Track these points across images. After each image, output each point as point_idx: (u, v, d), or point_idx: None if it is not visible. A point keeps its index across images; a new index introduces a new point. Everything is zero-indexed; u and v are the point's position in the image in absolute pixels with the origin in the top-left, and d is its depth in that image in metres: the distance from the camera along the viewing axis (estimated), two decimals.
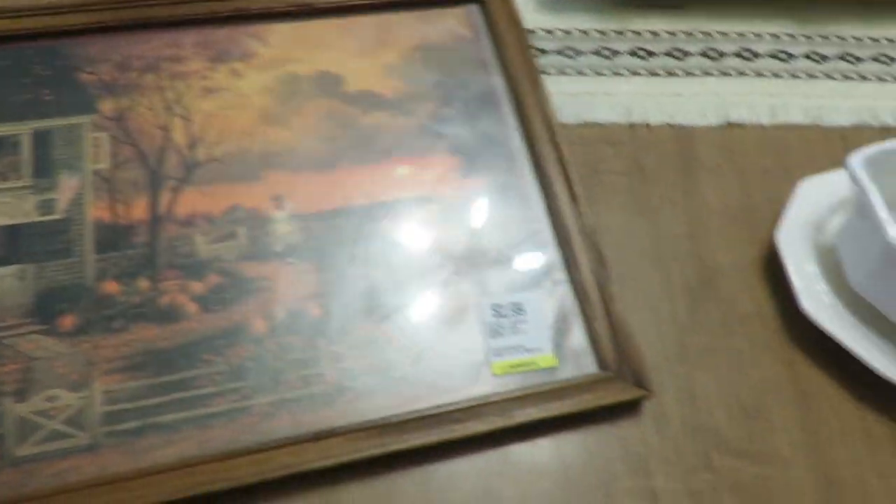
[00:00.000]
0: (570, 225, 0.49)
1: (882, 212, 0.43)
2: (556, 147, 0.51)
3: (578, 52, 0.59)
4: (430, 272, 0.47)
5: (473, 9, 0.58)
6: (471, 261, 0.48)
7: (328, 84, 0.53)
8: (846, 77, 0.60)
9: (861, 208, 0.45)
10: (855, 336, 0.46)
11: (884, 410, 0.46)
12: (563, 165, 0.51)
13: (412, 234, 0.49)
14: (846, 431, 0.45)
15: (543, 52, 0.59)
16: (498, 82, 0.55)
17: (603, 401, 0.44)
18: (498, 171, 0.52)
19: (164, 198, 0.48)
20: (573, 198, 0.50)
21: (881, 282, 0.45)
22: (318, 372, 0.44)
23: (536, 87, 0.54)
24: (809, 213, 0.50)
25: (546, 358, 0.46)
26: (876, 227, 0.43)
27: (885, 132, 0.58)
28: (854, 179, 0.45)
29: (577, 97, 0.57)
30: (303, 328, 0.45)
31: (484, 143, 0.52)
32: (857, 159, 0.45)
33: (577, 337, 0.46)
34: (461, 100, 0.54)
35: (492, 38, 0.56)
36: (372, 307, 0.46)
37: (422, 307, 0.46)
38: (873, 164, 0.46)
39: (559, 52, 0.59)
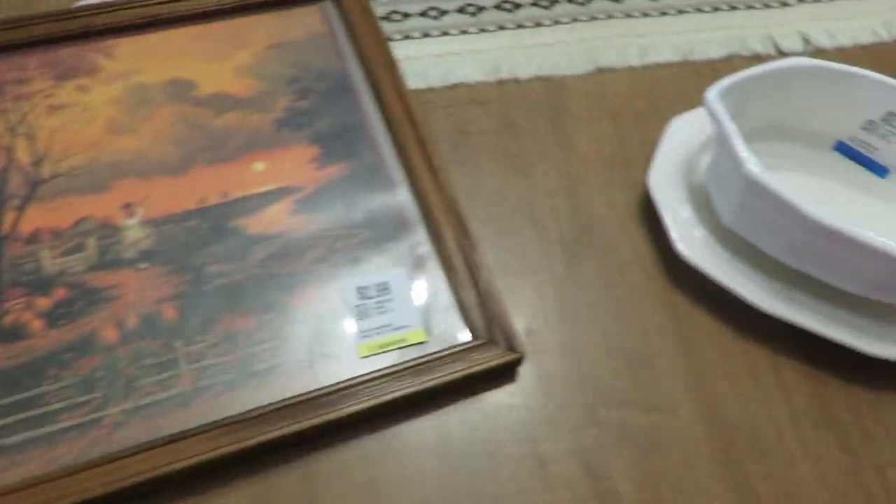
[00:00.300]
0: (432, 199, 0.48)
1: (739, 144, 0.42)
2: (414, 126, 0.50)
3: (442, 12, 0.57)
4: (291, 261, 0.46)
5: (328, 5, 0.56)
6: (333, 246, 0.47)
7: (179, 90, 0.51)
8: (715, 8, 0.59)
9: (721, 142, 0.44)
10: (731, 273, 0.45)
11: (765, 342, 0.45)
12: (422, 143, 0.49)
13: (271, 225, 0.47)
14: (731, 368, 0.45)
15: (407, 15, 0.57)
16: (355, 71, 0.53)
17: (475, 368, 0.43)
18: (359, 156, 0.50)
19: (8, 218, 0.46)
20: (433, 172, 0.48)
21: (747, 215, 0.44)
22: (174, 374, 0.42)
23: (392, 70, 0.52)
24: (680, 152, 0.50)
25: (416, 333, 0.45)
26: (735, 161, 0.42)
27: (755, 60, 0.57)
28: (711, 114, 0.44)
29: (443, 58, 0.55)
30: (158, 331, 0.43)
31: (343, 131, 0.51)
32: (713, 93, 0.44)
33: (446, 309, 0.45)
34: (318, 92, 0.52)
35: (347, 30, 0.54)
36: (231, 303, 0.44)
37: (284, 297, 0.45)
38: (732, 95, 0.45)
39: (423, 14, 0.57)
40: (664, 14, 0.58)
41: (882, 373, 0.44)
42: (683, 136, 0.50)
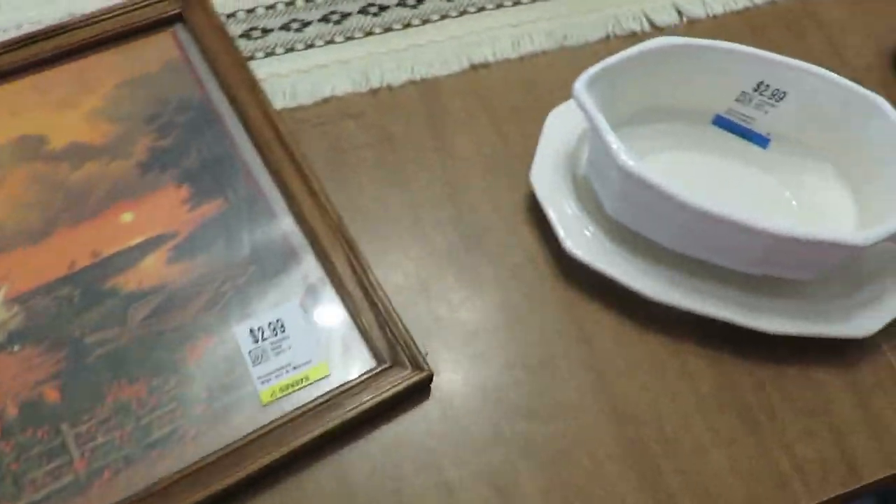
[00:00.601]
0: (316, 223, 0.45)
1: (610, 136, 0.41)
2: (287, 149, 0.47)
3: (305, 23, 0.54)
4: (176, 315, 0.43)
5: (178, 28, 0.52)
6: (219, 290, 0.44)
7: (28, 147, 0.48)
8: None
9: (594, 134, 0.43)
10: (622, 265, 0.44)
11: (665, 332, 0.44)
12: (297, 166, 0.47)
13: (149, 279, 0.44)
14: (633, 363, 0.44)
15: (267, 31, 0.54)
16: (218, 97, 0.50)
17: (385, 395, 0.41)
18: (233, 189, 0.47)
19: None
20: (313, 194, 0.46)
21: (629, 205, 0.43)
22: (65, 461, 0.39)
23: (256, 92, 0.49)
24: (561, 145, 0.48)
25: (318, 368, 0.42)
26: (609, 153, 0.41)
27: (633, 39, 0.56)
28: (580, 106, 0.42)
29: (310, 73, 0.52)
30: (41, 418, 0.40)
31: (213, 164, 0.48)
32: (580, 84, 0.43)
33: (347, 336, 0.43)
34: (180, 125, 0.49)
35: (202, 54, 0.51)
36: (118, 372, 0.41)
37: (174, 355, 0.42)
38: (602, 82, 0.44)
39: (284, 28, 0.54)
40: (536, 1, 0.56)
41: (780, 348, 0.44)
42: (563, 127, 0.48)
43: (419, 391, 0.42)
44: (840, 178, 0.46)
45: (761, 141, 0.47)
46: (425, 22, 0.55)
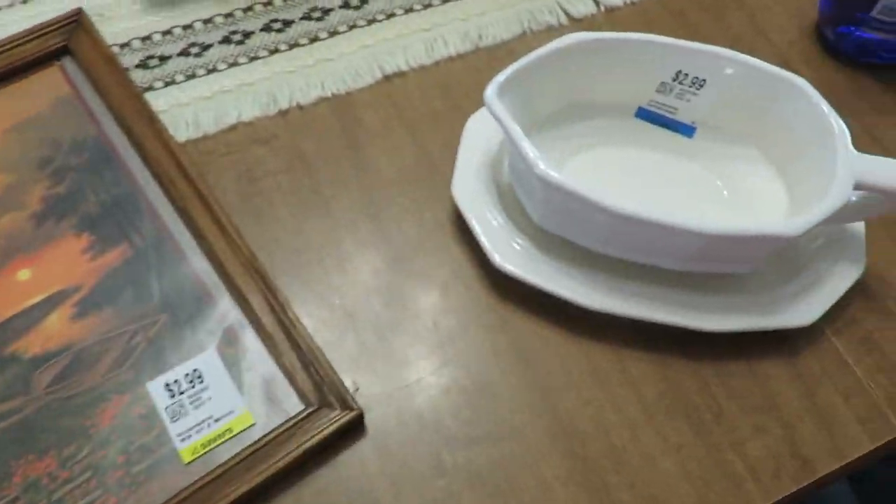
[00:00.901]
0: (228, 262, 0.43)
1: (525, 143, 0.39)
2: (193, 184, 0.44)
3: (205, 46, 0.51)
4: (84, 376, 0.40)
5: (66, 62, 0.49)
6: (129, 343, 0.41)
7: None
8: None
9: (510, 143, 0.41)
10: (554, 276, 0.42)
11: (604, 341, 0.43)
12: (205, 202, 0.44)
13: (52, 340, 0.41)
14: (574, 377, 0.42)
15: (165, 58, 0.51)
16: (114, 133, 0.47)
17: (313, 440, 0.38)
18: (138, 232, 0.44)
19: None
20: (223, 231, 0.43)
21: (554, 212, 0.41)
22: None
23: (154, 125, 0.46)
24: (482, 152, 0.46)
25: (241, 419, 0.40)
26: (526, 162, 0.39)
27: (550, 33, 0.54)
28: (491, 114, 0.40)
29: (213, 99, 0.49)
30: None
31: (114, 208, 0.45)
32: (491, 91, 0.41)
33: (270, 380, 0.40)
34: (76, 168, 0.46)
35: (94, 88, 0.48)
36: (25, 446, 0.38)
37: (85, 420, 0.39)
38: (515, 86, 0.42)
39: (184, 54, 0.51)
40: (447, 2, 0.54)
41: (723, 345, 0.42)
42: (483, 134, 0.46)
43: (352, 430, 0.40)
44: (767, 163, 0.44)
45: (687, 130, 0.46)
46: (333, 34, 0.52)
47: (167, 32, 0.52)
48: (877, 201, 0.40)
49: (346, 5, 0.53)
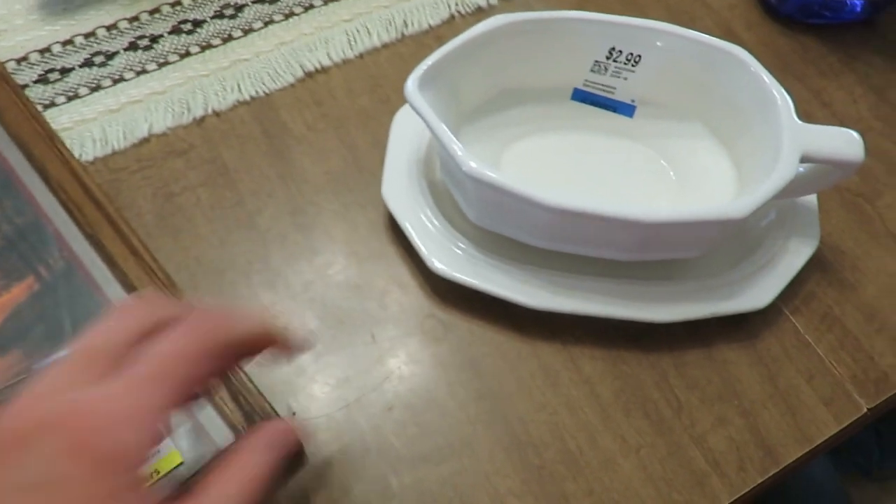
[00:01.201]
0: (144, 289, 0.40)
1: (449, 139, 0.36)
2: (100, 207, 0.41)
3: (110, 55, 0.47)
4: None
5: None
6: None
7: None
8: None
9: (435, 137, 0.38)
10: (496, 277, 0.39)
11: (554, 341, 0.40)
12: (114, 225, 0.40)
13: None
14: (525, 382, 0.40)
15: (67, 70, 0.47)
16: (13, 157, 0.42)
17: None
18: (45, 263, 0.40)
19: None
20: (136, 255, 0.40)
21: (489, 209, 0.38)
22: None
23: (55, 145, 0.42)
24: (413, 149, 0.43)
25: (169, 458, 0.37)
26: (453, 159, 0.36)
27: (480, 15, 0.51)
28: (414, 109, 0.37)
29: (121, 111, 0.45)
30: None
31: (17, 238, 0.41)
32: (411, 84, 0.38)
33: (197, 414, 0.38)
34: None
35: None
36: None
37: None
38: (439, 77, 0.39)
39: (87, 64, 0.47)
40: None
41: (679, 334, 0.40)
42: (413, 129, 0.43)
43: (289, 458, 0.37)
44: (713, 138, 0.42)
45: (627, 110, 0.43)
46: (248, 32, 0.49)
47: (68, 42, 0.48)
48: (826, 172, 0.38)
49: (259, 0, 0.50)
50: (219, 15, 0.49)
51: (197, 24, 0.49)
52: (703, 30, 0.51)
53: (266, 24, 0.49)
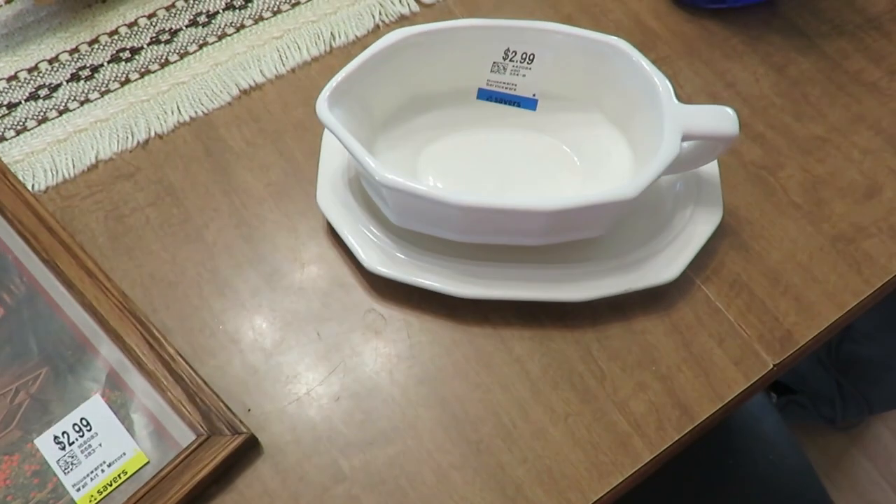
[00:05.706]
0: (102, 306, 0.42)
1: (359, 152, 0.39)
2: (54, 233, 0.44)
3: (54, 87, 0.50)
4: None
5: None
6: (12, 402, 0.41)
7: None
8: None
9: (348, 150, 0.41)
10: (425, 270, 0.43)
11: (487, 325, 0.44)
12: (69, 250, 0.44)
13: None
14: (461, 365, 0.43)
15: (14, 105, 0.49)
16: None
17: (206, 469, 0.39)
18: (6, 290, 0.44)
19: None
20: (92, 276, 0.43)
21: (407, 212, 0.41)
22: None
23: (6, 177, 0.45)
24: (343, 157, 0.46)
25: (135, 459, 0.40)
26: (365, 169, 0.39)
27: (404, 22, 0.54)
28: (325, 125, 0.40)
29: (68, 141, 0.48)
30: None
31: None
32: (322, 102, 0.41)
33: (159, 416, 0.41)
34: None
35: None
36: None
37: None
38: (350, 91, 0.42)
39: (32, 98, 0.50)
40: (296, 5, 0.53)
41: (601, 310, 0.44)
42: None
43: (247, 451, 0.41)
44: (610, 124, 0.46)
45: (529, 104, 0.47)
46: (184, 55, 0.51)
47: (12, 78, 0.50)
48: (710, 146, 0.42)
49: (194, 23, 0.52)
50: (155, 41, 0.52)
51: (134, 51, 0.51)
52: (613, 21, 0.55)
53: (200, 46, 0.51)
